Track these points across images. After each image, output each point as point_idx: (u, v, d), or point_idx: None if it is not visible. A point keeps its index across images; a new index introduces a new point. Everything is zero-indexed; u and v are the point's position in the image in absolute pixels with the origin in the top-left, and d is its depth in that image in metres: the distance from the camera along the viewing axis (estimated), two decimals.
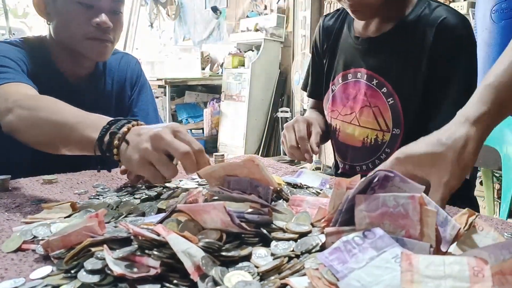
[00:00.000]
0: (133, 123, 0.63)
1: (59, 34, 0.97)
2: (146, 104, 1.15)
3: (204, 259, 0.37)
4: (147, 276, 0.36)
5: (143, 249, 0.39)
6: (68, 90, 1.01)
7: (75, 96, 1.02)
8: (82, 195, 0.70)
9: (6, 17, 3.90)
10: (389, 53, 0.96)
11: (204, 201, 0.53)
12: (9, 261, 0.44)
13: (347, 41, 1.07)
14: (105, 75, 1.09)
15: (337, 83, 1.07)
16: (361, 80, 1.01)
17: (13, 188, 0.73)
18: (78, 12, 0.92)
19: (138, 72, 1.16)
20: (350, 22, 1.07)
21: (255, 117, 4.00)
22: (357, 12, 0.95)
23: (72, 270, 0.39)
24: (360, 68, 1.01)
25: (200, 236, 0.42)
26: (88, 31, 0.93)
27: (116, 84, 1.11)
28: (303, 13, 3.71)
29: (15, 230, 0.51)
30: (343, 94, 1.05)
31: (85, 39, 0.94)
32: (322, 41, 1.14)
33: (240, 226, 0.43)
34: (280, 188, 0.60)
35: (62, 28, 0.96)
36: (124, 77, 1.12)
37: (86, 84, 1.04)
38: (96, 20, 0.93)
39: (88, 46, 0.95)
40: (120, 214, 0.55)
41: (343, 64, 1.05)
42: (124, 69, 1.13)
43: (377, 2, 0.92)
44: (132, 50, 5.06)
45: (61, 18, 0.95)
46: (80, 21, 0.93)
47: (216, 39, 4.89)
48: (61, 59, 1.00)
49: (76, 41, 0.95)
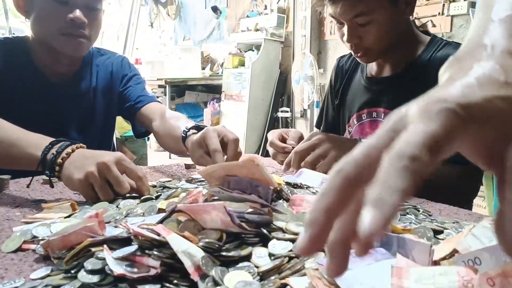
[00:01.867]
0: (77, 145, 0.69)
1: (36, 31, 0.98)
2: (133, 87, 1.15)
3: (204, 259, 0.37)
4: (147, 276, 0.36)
5: (143, 249, 0.39)
6: (49, 89, 1.02)
7: (56, 95, 1.03)
8: None
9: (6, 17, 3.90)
10: (405, 91, 0.97)
11: (204, 201, 0.53)
12: (9, 261, 0.44)
13: (359, 82, 1.08)
14: (91, 75, 1.09)
15: (352, 124, 1.08)
16: (378, 119, 1.01)
17: (13, 188, 0.73)
18: (53, 8, 0.93)
19: (125, 66, 1.17)
20: (363, 64, 1.07)
21: (255, 117, 3.99)
22: (361, 56, 0.96)
23: (72, 270, 0.39)
24: (376, 108, 1.02)
25: (200, 236, 0.42)
26: (62, 27, 0.94)
27: (102, 83, 1.11)
28: (303, 13, 3.70)
29: (15, 230, 0.51)
30: (360, 135, 1.05)
31: (59, 34, 0.95)
32: (335, 81, 1.16)
33: (240, 226, 0.43)
34: (280, 188, 0.60)
35: (38, 24, 0.97)
36: (110, 75, 1.13)
37: (69, 83, 1.05)
38: (70, 16, 0.93)
39: (62, 41, 0.96)
40: (120, 214, 0.55)
41: (357, 105, 1.06)
42: (108, 69, 1.13)
43: (380, 47, 0.93)
44: (132, 50, 5.05)
45: (37, 15, 0.96)
46: (55, 17, 0.94)
47: (216, 39, 4.89)
48: (41, 58, 1.01)
49: (51, 36, 0.96)
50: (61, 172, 0.66)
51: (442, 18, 2.63)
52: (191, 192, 0.54)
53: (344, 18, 0.91)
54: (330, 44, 3.59)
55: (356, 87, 1.09)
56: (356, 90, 1.08)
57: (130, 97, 1.12)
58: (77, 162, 0.65)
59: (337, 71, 1.17)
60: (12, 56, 0.99)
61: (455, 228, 0.53)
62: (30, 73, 1.00)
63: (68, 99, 1.05)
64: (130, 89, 1.13)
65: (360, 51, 0.94)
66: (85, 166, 0.64)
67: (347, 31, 0.92)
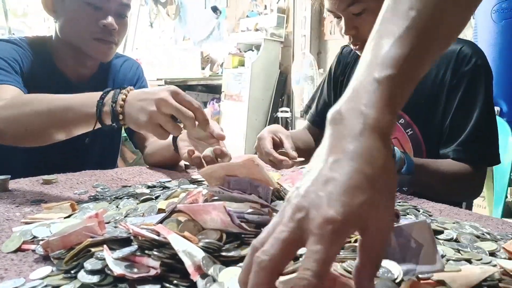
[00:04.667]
0: (128, 89, 0.69)
1: (65, 33, 0.98)
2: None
3: (204, 259, 0.37)
4: (147, 277, 0.36)
5: (143, 249, 0.39)
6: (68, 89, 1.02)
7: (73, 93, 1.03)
8: (82, 195, 0.70)
9: (6, 17, 3.90)
10: None
11: (204, 201, 0.53)
12: (9, 262, 0.44)
13: None
14: (107, 77, 1.10)
15: None
16: None
17: (13, 188, 0.73)
18: (86, 12, 0.94)
19: (139, 75, 1.19)
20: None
21: (255, 117, 3.99)
22: (359, 48, 0.96)
23: (72, 270, 0.39)
24: None
25: (200, 236, 0.42)
26: (95, 32, 0.95)
27: (117, 85, 1.12)
28: (303, 13, 3.70)
29: (15, 230, 0.51)
30: None
31: (91, 39, 0.96)
32: (336, 68, 1.16)
33: (240, 226, 0.43)
34: (279, 188, 0.60)
35: (69, 27, 0.97)
36: (124, 80, 1.14)
37: (87, 84, 1.05)
38: (103, 22, 0.94)
39: (93, 46, 0.97)
40: (120, 214, 0.55)
41: None
42: (126, 72, 1.15)
43: None
44: (132, 50, 5.06)
45: (68, 17, 0.96)
46: (88, 21, 0.94)
47: (216, 39, 4.89)
48: (63, 59, 1.01)
49: (82, 40, 0.96)
50: (125, 120, 0.67)
51: None
52: (191, 192, 0.54)
53: (339, 9, 0.92)
54: (330, 44, 3.59)
55: None
56: None
57: None
58: (136, 105, 0.66)
59: (339, 58, 1.17)
60: (34, 54, 0.99)
61: (455, 229, 0.53)
62: (51, 73, 1.00)
63: None
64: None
65: (359, 43, 0.95)
66: (146, 107, 0.64)
67: (344, 23, 0.93)
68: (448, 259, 0.43)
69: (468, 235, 0.50)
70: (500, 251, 0.47)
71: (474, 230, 0.53)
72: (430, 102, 0.93)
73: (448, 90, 0.91)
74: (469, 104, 0.89)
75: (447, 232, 0.51)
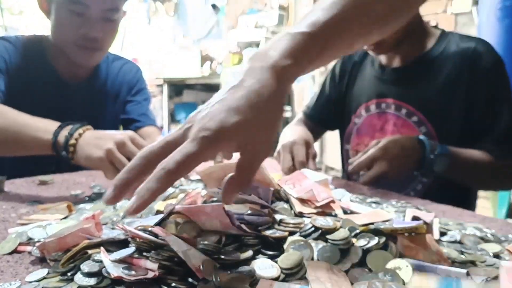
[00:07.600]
0: (87, 127, 0.71)
1: (53, 36, 0.98)
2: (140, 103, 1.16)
3: (204, 262, 0.37)
4: (145, 279, 0.36)
5: (141, 251, 0.39)
6: (62, 89, 1.01)
7: (69, 94, 1.02)
8: (79, 196, 0.69)
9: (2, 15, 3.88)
10: (416, 82, 0.96)
11: (203, 202, 0.52)
12: (5, 263, 0.43)
13: (369, 72, 1.07)
14: (105, 79, 1.10)
15: (360, 115, 1.06)
16: (387, 110, 1.00)
17: (8, 189, 0.72)
18: (69, 19, 0.92)
19: (138, 79, 1.18)
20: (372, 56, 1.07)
21: None
22: (374, 49, 0.96)
23: (69, 272, 0.38)
24: (385, 99, 1.01)
25: (199, 238, 0.42)
26: (76, 39, 0.94)
27: (113, 88, 1.12)
28: (305, 10, 3.69)
29: (11, 231, 0.50)
30: (369, 126, 1.04)
31: (74, 45, 0.95)
32: (341, 70, 1.14)
33: (240, 228, 0.42)
34: (279, 189, 0.59)
35: (56, 31, 0.97)
36: (122, 83, 1.13)
37: (82, 85, 1.05)
38: (83, 31, 0.92)
39: (75, 52, 0.96)
40: (117, 215, 0.54)
41: (366, 96, 1.05)
42: (124, 75, 1.14)
43: (391, 39, 0.93)
44: (130, 48, 5.03)
45: (55, 21, 0.96)
46: (70, 28, 0.93)
47: (215, 37, 4.87)
48: (58, 58, 1.01)
49: (66, 45, 0.96)
50: (76, 153, 0.68)
51: (444, 16, 2.62)
52: (189, 193, 0.54)
53: None
54: None
55: (364, 78, 1.08)
56: (364, 81, 1.07)
57: (133, 111, 1.13)
58: (92, 141, 0.68)
59: (344, 56, 1.15)
60: (28, 54, 0.98)
61: (459, 230, 0.53)
62: (45, 71, 1.00)
63: (80, 99, 1.05)
64: (135, 103, 1.14)
65: (373, 44, 0.94)
66: (103, 145, 0.66)
67: None
68: (453, 261, 0.42)
69: (471, 237, 0.50)
70: (504, 252, 0.46)
71: (477, 232, 0.52)
72: (444, 100, 0.92)
73: (468, 88, 0.90)
74: (495, 100, 0.89)
75: (451, 233, 0.51)
